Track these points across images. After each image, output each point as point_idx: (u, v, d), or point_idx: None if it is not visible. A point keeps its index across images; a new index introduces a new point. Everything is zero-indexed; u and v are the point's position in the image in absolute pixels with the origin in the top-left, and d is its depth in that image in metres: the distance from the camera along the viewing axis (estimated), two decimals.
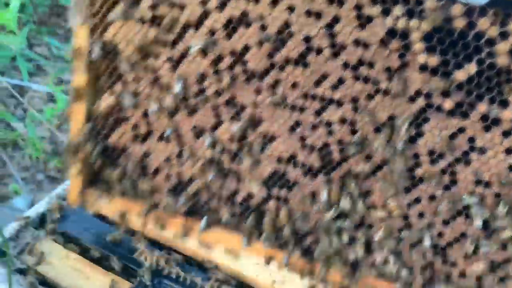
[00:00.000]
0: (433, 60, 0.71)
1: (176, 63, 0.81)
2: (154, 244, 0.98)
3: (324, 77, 0.77)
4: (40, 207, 1.07)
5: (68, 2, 3.61)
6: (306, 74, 0.77)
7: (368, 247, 0.85)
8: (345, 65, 0.75)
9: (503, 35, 0.68)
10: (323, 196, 0.83)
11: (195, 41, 0.78)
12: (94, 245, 1.00)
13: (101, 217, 1.01)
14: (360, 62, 0.74)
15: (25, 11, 3.06)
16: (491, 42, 0.69)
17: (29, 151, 2.50)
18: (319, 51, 0.75)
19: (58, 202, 1.05)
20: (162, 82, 0.83)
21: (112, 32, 0.81)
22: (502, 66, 0.69)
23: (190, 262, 0.97)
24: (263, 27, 0.75)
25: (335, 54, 0.75)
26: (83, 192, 0.98)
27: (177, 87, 0.81)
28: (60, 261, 0.97)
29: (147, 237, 0.98)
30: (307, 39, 0.75)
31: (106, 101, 0.85)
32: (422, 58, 0.71)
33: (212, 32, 0.77)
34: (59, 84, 2.77)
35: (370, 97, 0.76)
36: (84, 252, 0.99)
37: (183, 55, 0.80)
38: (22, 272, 0.95)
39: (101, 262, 0.98)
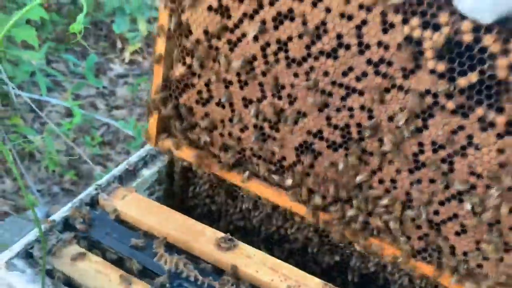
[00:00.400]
0: (441, 67, 0.84)
1: (234, 45, 1.00)
2: (173, 248, 1.06)
3: (350, 69, 0.92)
4: (64, 212, 1.12)
5: (85, 21, 3.76)
6: (336, 65, 0.93)
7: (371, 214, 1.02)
8: (369, 62, 0.90)
9: (504, 52, 0.78)
10: (341, 166, 1.00)
11: (249, 28, 0.96)
12: (115, 248, 1.06)
13: (122, 223, 1.11)
14: (381, 60, 0.88)
15: (44, 29, 3.22)
16: (493, 57, 0.80)
17: (45, 164, 2.59)
18: (348, 47, 0.90)
19: (81, 207, 1.12)
20: (221, 60, 1.03)
21: (187, 15, 1.01)
22: (501, 78, 0.80)
23: (207, 266, 1.04)
24: (304, 23, 0.92)
25: (361, 52, 0.89)
26: (158, 136, 1.22)
27: (235, 64, 1.00)
28: (83, 263, 1.02)
29: (167, 242, 1.06)
30: (339, 36, 0.90)
31: (179, 70, 1.07)
32: (431, 64, 0.84)
33: (263, 22, 0.95)
34: (76, 99, 2.96)
35: (387, 90, 0.90)
36: (106, 255, 1.07)
37: (240, 39, 0.99)
38: (47, 273, 0.99)
39: (122, 265, 1.04)
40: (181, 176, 1.30)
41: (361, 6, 0.86)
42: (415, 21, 0.82)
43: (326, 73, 0.94)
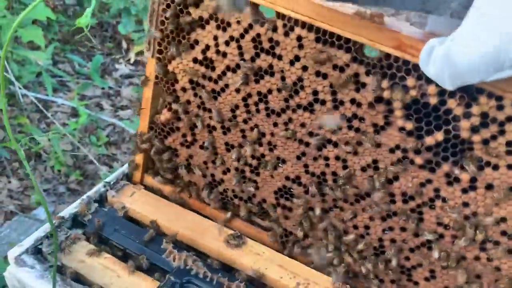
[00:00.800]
0: (409, 125, 0.89)
1: (217, 94, 1.05)
2: (182, 245, 1.07)
3: None
4: (73, 208, 1.14)
5: (91, 22, 3.79)
6: (312, 118, 0.98)
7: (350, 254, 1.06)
8: (342, 116, 0.95)
9: (467, 115, 0.84)
10: (317, 211, 1.05)
11: (232, 80, 1.01)
12: (124, 245, 1.07)
13: (130, 220, 1.13)
14: (354, 116, 0.94)
15: (50, 30, 3.26)
16: (457, 118, 0.85)
17: (51, 164, 2.61)
18: (323, 102, 0.95)
19: (90, 204, 1.13)
20: (205, 106, 1.08)
21: (173, 65, 1.06)
22: (464, 138, 0.86)
23: (216, 263, 1.05)
24: (283, 78, 0.97)
25: (335, 107, 0.95)
26: (143, 174, 1.27)
27: (215, 114, 1.05)
28: (92, 260, 1.03)
29: (175, 239, 1.08)
30: (315, 92, 0.95)
31: (165, 115, 1.12)
32: (400, 122, 0.89)
33: (245, 76, 1.00)
34: (81, 100, 2.99)
35: (359, 143, 0.96)
36: (114, 252, 1.08)
37: (223, 89, 1.04)
38: (56, 269, 1.01)
39: (131, 261, 1.04)
40: None
41: (335, 66, 0.91)
42: (385, 83, 0.88)
43: (303, 125, 0.99)
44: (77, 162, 2.74)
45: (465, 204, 0.91)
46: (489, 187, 0.88)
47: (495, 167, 0.86)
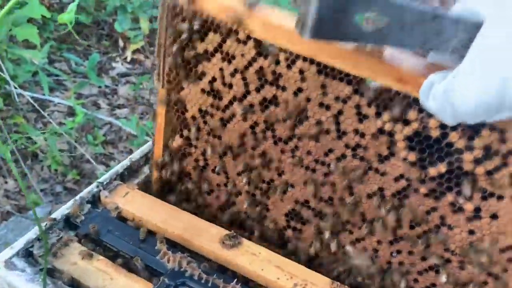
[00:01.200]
0: (412, 156, 0.89)
1: (226, 122, 1.08)
2: (176, 246, 1.05)
3: (330, 150, 0.98)
4: (65, 209, 1.10)
5: (87, 20, 3.56)
6: (318, 147, 0.99)
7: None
8: (347, 146, 0.96)
9: (469, 148, 0.84)
10: (327, 235, 1.07)
11: (239, 109, 1.04)
12: (117, 247, 1.05)
13: (125, 220, 1.11)
14: (358, 145, 0.95)
15: (46, 28, 3.20)
16: (459, 151, 0.85)
17: (48, 163, 2.55)
18: (327, 132, 0.97)
19: (82, 204, 1.11)
20: (215, 133, 1.11)
21: (182, 94, 1.09)
22: (467, 170, 0.86)
23: (212, 265, 1.03)
24: (288, 109, 0.98)
25: (339, 137, 0.96)
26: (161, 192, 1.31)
27: (224, 141, 1.09)
28: (85, 262, 1.01)
29: (170, 240, 1.06)
30: (319, 122, 0.97)
31: (177, 141, 1.16)
32: (403, 153, 0.90)
33: (251, 105, 1.02)
34: (78, 99, 2.93)
35: (365, 172, 0.97)
36: (107, 254, 1.06)
37: (231, 118, 1.07)
38: (47, 272, 0.98)
39: (124, 263, 1.03)
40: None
41: (337, 98, 0.92)
42: (386, 116, 0.88)
43: (309, 152, 1.01)
44: (74, 162, 2.69)
45: (471, 232, 0.91)
46: (493, 216, 0.88)
47: (499, 198, 0.86)
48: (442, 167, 0.88)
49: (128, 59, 3.47)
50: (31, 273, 0.99)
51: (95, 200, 1.18)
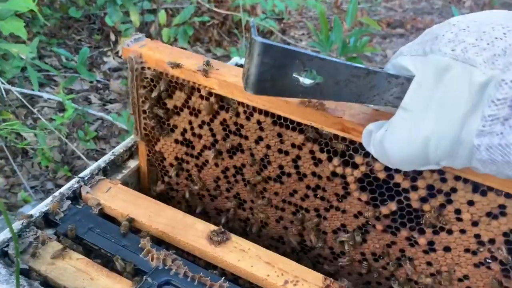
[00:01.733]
0: (364, 196, 0.95)
1: (200, 168, 1.16)
2: (161, 243, 0.99)
3: (295, 191, 1.05)
4: (43, 206, 1.04)
5: (77, 15, 3.49)
6: (283, 188, 1.06)
7: None
8: (307, 187, 1.02)
9: (414, 188, 0.89)
10: None
11: (209, 156, 1.12)
12: (99, 245, 0.98)
13: (107, 217, 1.04)
14: (318, 186, 1.01)
15: (36, 23, 3.11)
16: (406, 191, 0.90)
17: (38, 160, 2.43)
18: (289, 175, 1.03)
19: (62, 201, 1.03)
20: (192, 179, 1.19)
21: (159, 146, 1.18)
22: (415, 208, 0.91)
23: (198, 262, 0.98)
24: (252, 155, 1.06)
25: (300, 179, 1.03)
26: None
27: (199, 184, 1.17)
28: (63, 262, 0.95)
29: (154, 236, 1.00)
30: (281, 167, 1.04)
31: (159, 187, 1.24)
32: (356, 194, 0.96)
33: (220, 152, 1.10)
34: (69, 94, 2.82)
35: (326, 209, 1.03)
36: (88, 253, 1.00)
37: (204, 164, 1.15)
38: (23, 272, 0.93)
39: (106, 262, 0.97)
40: None
41: (293, 145, 0.99)
42: (336, 160, 0.94)
43: (276, 193, 1.08)
44: (65, 158, 2.60)
45: (429, 264, 0.96)
46: (446, 249, 0.92)
47: (449, 232, 0.91)
48: (392, 206, 0.93)
49: (120, 53, 3.41)
50: (6, 274, 0.93)
51: (76, 196, 1.11)
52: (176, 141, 1.15)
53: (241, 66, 1.44)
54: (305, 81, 0.77)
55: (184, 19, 3.65)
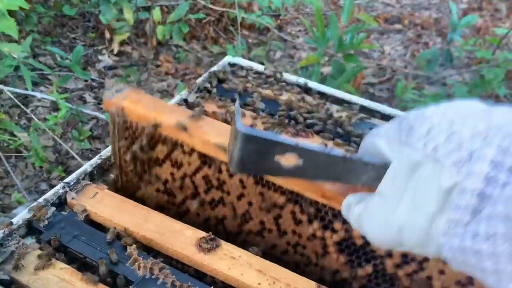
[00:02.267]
0: (342, 258, 0.97)
1: (181, 216, 1.17)
2: (148, 251, 0.97)
3: (275, 246, 1.07)
4: (26, 213, 1.01)
5: (71, 12, 3.39)
6: (263, 242, 1.08)
7: None
8: (288, 243, 1.04)
9: (389, 255, 0.91)
10: None
11: (192, 207, 1.13)
12: (84, 253, 0.95)
13: (92, 224, 1.01)
14: (298, 244, 1.03)
15: (29, 21, 3.08)
16: (382, 257, 0.92)
17: (32, 161, 2.37)
18: (270, 231, 1.05)
19: (46, 207, 0.99)
20: None
21: (142, 193, 1.19)
22: (390, 273, 0.93)
23: (186, 270, 0.95)
24: (234, 209, 1.07)
25: (282, 235, 1.04)
26: None
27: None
28: (45, 272, 0.91)
29: (142, 245, 0.98)
30: (262, 222, 1.05)
31: None
32: (334, 256, 0.98)
33: (202, 203, 1.12)
34: (64, 93, 2.76)
35: (306, 265, 1.05)
36: (72, 261, 0.97)
37: (186, 213, 1.16)
38: (4, 284, 0.90)
39: (91, 271, 0.94)
40: None
41: (274, 205, 1.00)
42: (316, 224, 0.96)
43: (257, 246, 1.10)
44: (59, 158, 2.57)
45: None
46: None
47: None
48: (369, 268, 0.95)
49: (115, 51, 3.40)
50: None
51: (61, 202, 1.07)
52: (158, 190, 1.16)
53: (234, 65, 1.48)
54: (286, 163, 0.78)
55: (179, 17, 3.63)
